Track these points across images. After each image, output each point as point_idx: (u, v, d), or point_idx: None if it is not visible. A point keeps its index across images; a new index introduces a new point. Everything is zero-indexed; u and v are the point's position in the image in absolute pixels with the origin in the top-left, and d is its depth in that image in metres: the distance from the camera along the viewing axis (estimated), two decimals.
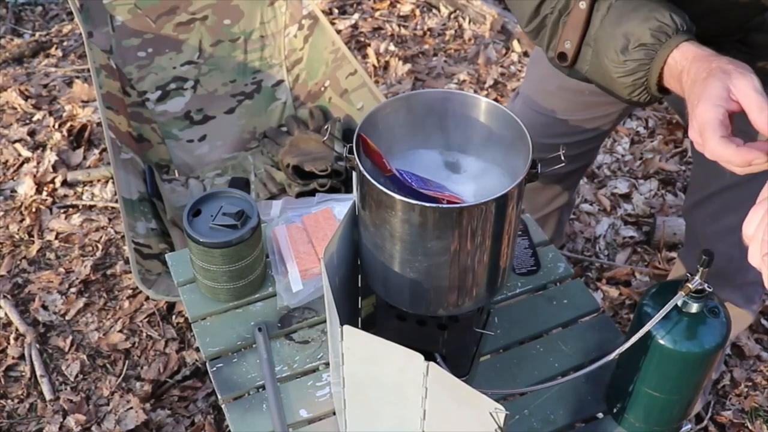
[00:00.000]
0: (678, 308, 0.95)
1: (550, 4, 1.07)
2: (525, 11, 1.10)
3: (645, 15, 0.98)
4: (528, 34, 1.13)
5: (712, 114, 0.84)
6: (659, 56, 0.96)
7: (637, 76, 0.99)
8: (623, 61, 0.99)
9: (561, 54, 1.08)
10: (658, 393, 1.02)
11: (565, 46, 1.06)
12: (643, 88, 1.00)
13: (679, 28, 0.96)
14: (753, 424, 1.84)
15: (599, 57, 1.03)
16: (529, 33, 1.13)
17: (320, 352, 1.21)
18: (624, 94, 1.04)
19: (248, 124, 2.29)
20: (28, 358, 1.92)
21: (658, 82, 0.98)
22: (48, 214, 2.29)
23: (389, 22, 3.07)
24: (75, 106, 2.63)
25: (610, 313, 2.02)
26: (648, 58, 0.97)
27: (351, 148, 0.94)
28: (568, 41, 1.06)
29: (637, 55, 0.98)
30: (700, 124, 0.85)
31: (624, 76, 1.00)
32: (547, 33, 1.10)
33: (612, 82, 1.03)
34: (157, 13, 2.22)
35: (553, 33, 1.09)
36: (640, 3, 1.00)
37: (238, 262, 1.21)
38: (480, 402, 0.81)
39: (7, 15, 3.08)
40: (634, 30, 0.98)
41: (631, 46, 0.98)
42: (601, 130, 1.47)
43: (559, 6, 1.06)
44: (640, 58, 0.98)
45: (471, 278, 0.98)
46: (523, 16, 1.11)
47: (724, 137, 0.83)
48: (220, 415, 1.81)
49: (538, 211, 1.66)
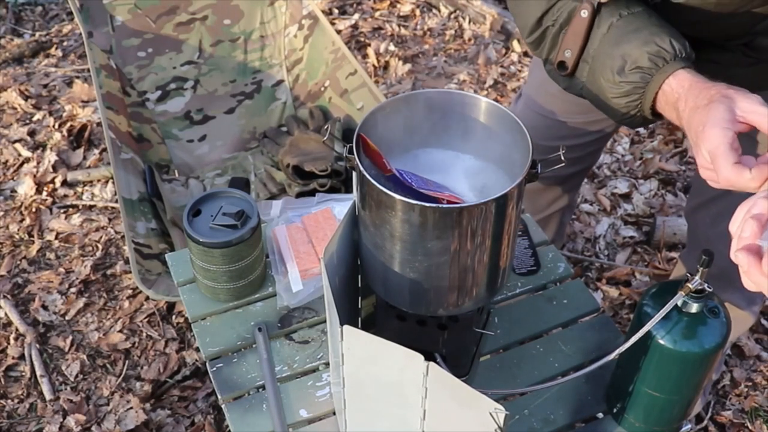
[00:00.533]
0: (678, 308, 0.95)
1: (552, 16, 1.07)
2: (527, 22, 1.10)
3: (645, 38, 0.97)
4: (529, 45, 1.14)
5: (722, 139, 0.83)
6: (654, 81, 0.96)
7: (631, 98, 0.99)
8: (618, 82, 0.99)
9: (561, 63, 1.07)
10: (658, 393, 1.02)
11: (565, 55, 1.06)
12: (636, 110, 1.00)
13: (678, 54, 0.96)
14: (753, 424, 1.84)
15: (595, 75, 1.03)
16: (530, 44, 1.13)
17: (320, 352, 1.21)
18: (617, 115, 1.04)
19: (248, 124, 2.29)
20: (28, 358, 1.92)
21: (652, 107, 0.98)
22: (48, 214, 2.29)
23: (389, 22, 3.07)
24: (75, 106, 2.63)
25: (610, 313, 2.02)
26: (643, 82, 0.97)
27: (351, 148, 0.94)
28: (568, 50, 1.05)
29: (633, 78, 0.98)
30: (710, 151, 0.84)
31: (618, 97, 1.00)
32: (546, 45, 1.10)
33: (606, 102, 1.03)
34: (157, 13, 2.22)
35: (552, 45, 1.09)
36: (641, 25, 0.99)
37: (238, 262, 1.21)
38: (480, 402, 0.81)
39: (7, 15, 3.08)
40: (632, 52, 0.97)
41: (627, 68, 0.98)
42: (604, 133, 1.47)
43: (560, 20, 1.06)
44: (635, 81, 0.97)
45: (471, 278, 0.98)
46: (525, 26, 1.11)
47: (737, 164, 0.82)
48: (220, 415, 1.81)
49: (540, 212, 1.65)
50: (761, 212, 0.74)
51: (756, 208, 0.75)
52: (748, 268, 0.73)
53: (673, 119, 0.96)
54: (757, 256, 0.72)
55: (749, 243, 0.74)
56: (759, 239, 0.73)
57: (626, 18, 1.01)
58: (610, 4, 1.02)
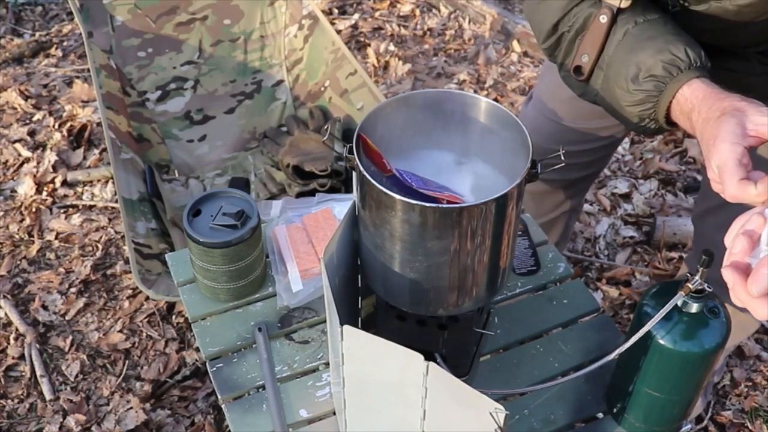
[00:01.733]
0: (678, 308, 0.95)
1: (568, 22, 1.06)
2: (544, 27, 1.09)
3: (660, 46, 0.96)
4: (544, 51, 1.13)
5: (730, 154, 0.82)
6: (668, 90, 0.95)
7: (645, 107, 0.98)
8: (632, 90, 0.98)
9: (577, 67, 1.07)
10: (658, 393, 1.02)
11: (582, 59, 1.05)
12: (650, 119, 0.99)
13: (692, 63, 0.95)
14: (753, 424, 1.84)
15: (609, 82, 1.02)
16: (545, 50, 1.12)
17: (320, 352, 1.21)
18: (631, 124, 1.02)
19: (248, 124, 2.29)
20: (28, 358, 1.92)
21: (667, 115, 0.97)
22: (48, 214, 2.29)
23: (389, 22, 3.07)
24: (75, 106, 2.63)
25: (610, 313, 2.02)
26: (657, 90, 0.96)
27: (351, 148, 0.94)
28: (585, 55, 1.05)
29: (647, 86, 0.97)
30: (719, 166, 0.83)
31: (631, 105, 1.00)
32: (562, 51, 1.09)
33: (620, 110, 1.03)
34: (157, 13, 2.22)
35: (568, 51, 1.08)
36: (656, 33, 0.98)
37: (238, 262, 1.21)
38: (480, 402, 0.81)
39: (7, 15, 3.08)
40: (647, 60, 0.96)
41: (641, 76, 0.97)
42: (614, 139, 1.46)
43: (576, 25, 1.05)
44: (649, 90, 0.97)
45: (471, 278, 0.98)
46: (541, 32, 1.11)
47: (743, 180, 0.81)
48: (220, 415, 1.81)
49: (546, 215, 1.64)
50: (753, 229, 0.74)
51: (750, 224, 0.75)
52: (734, 286, 0.73)
53: (687, 129, 0.95)
54: (744, 274, 0.72)
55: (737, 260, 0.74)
56: (748, 256, 0.73)
57: (642, 25, 1.00)
58: (627, 11, 1.00)
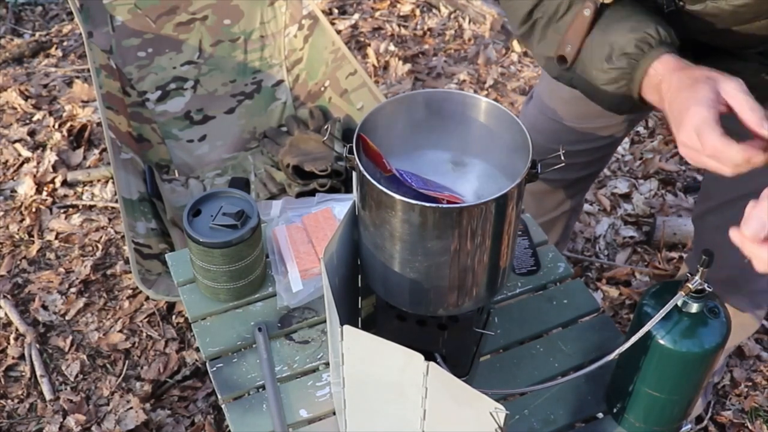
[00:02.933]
0: (678, 308, 0.95)
1: (542, 8, 1.08)
2: (518, 14, 1.12)
3: (632, 25, 0.99)
4: (519, 38, 1.15)
5: (708, 114, 0.85)
6: (641, 66, 0.98)
7: (619, 84, 1.01)
8: (607, 69, 1.01)
9: (561, 57, 1.09)
10: (658, 393, 1.02)
11: (566, 49, 1.07)
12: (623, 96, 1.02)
13: (663, 40, 0.98)
14: (753, 424, 1.84)
15: (585, 65, 1.05)
16: (520, 36, 1.14)
17: (320, 352, 1.21)
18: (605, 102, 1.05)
19: (248, 124, 2.29)
20: (28, 358, 1.92)
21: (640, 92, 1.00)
22: (48, 214, 2.29)
23: (389, 22, 3.07)
24: (75, 106, 2.63)
25: (610, 313, 2.02)
26: (630, 67, 0.99)
27: (351, 148, 0.94)
28: (569, 45, 1.06)
29: (620, 64, 0.99)
30: (696, 126, 0.85)
31: (607, 84, 1.02)
32: (536, 38, 1.11)
33: (596, 91, 1.05)
34: (157, 13, 2.22)
35: (540, 38, 1.10)
36: (628, 13, 1.01)
37: (238, 262, 1.21)
38: (480, 402, 0.81)
39: (7, 15, 3.08)
40: (619, 39, 0.99)
41: (614, 55, 1.00)
42: (614, 138, 1.47)
43: (548, 12, 1.07)
44: (623, 67, 0.99)
45: (471, 278, 0.98)
46: (516, 19, 1.13)
47: (725, 134, 0.84)
48: (220, 415, 1.81)
49: (546, 214, 1.64)
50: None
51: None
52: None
53: (655, 102, 0.98)
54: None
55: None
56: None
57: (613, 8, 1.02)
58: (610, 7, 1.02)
